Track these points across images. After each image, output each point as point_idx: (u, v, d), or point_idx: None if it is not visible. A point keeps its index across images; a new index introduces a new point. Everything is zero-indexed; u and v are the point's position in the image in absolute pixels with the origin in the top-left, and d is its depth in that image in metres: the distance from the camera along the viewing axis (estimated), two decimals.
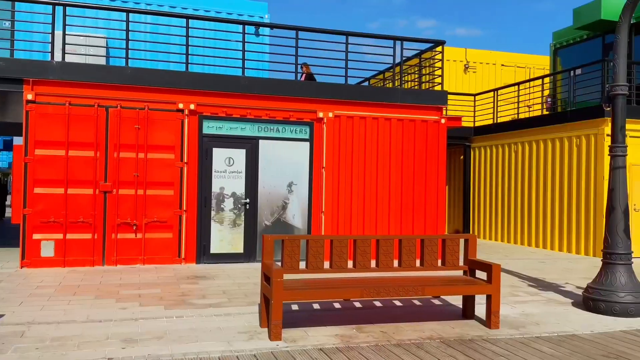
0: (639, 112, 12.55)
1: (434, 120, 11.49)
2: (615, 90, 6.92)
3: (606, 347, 5.38)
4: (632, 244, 12.32)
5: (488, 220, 16.18)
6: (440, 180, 11.48)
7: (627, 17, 6.77)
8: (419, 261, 6.38)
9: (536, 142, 14.32)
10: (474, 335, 5.67)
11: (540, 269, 10.40)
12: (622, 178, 6.99)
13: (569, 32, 17.00)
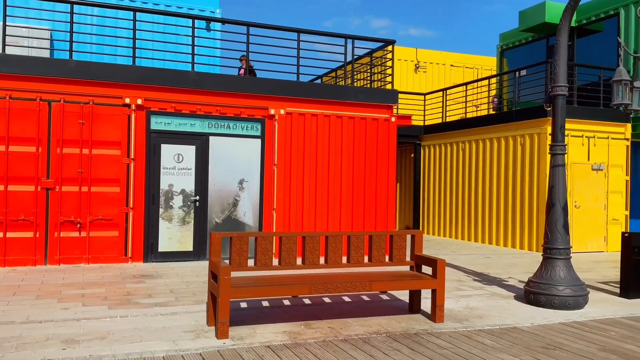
0: (581, 112, 13.08)
1: (385, 118, 11.63)
2: (555, 91, 7.18)
3: (545, 339, 5.58)
4: (574, 239, 12.85)
5: (437, 217, 16.53)
6: (390, 178, 11.64)
7: (567, 20, 7.03)
8: (368, 257, 6.45)
9: (483, 141, 14.71)
10: (419, 329, 5.77)
11: (485, 264, 10.70)
12: (561, 176, 7.26)
13: (514, 34, 17.54)
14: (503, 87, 17.67)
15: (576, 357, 4.96)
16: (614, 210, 13.42)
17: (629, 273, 7.67)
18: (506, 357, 4.94)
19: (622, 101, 6.09)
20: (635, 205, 14.62)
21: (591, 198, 13.16)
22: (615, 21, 14.32)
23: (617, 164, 13.46)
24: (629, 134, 13.59)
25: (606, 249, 13.27)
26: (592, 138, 13.18)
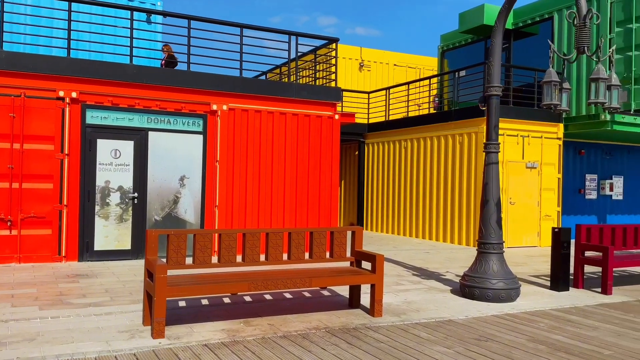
0: (516, 113, 13.57)
1: (328, 115, 11.70)
2: (489, 91, 7.42)
3: (478, 331, 5.77)
4: (509, 234, 13.33)
5: (380, 214, 16.78)
6: (334, 175, 11.72)
7: (501, 22, 7.28)
8: (308, 254, 6.47)
9: (424, 139, 15.04)
10: (358, 324, 5.85)
11: (424, 259, 10.95)
12: (495, 173, 7.51)
13: (455, 36, 18.00)
14: (444, 87, 18.12)
15: (507, 348, 5.16)
16: (547, 206, 14.02)
17: (558, 267, 8.03)
18: (440, 349, 5.08)
19: (552, 102, 6.36)
20: (566, 201, 15.34)
21: (525, 195, 13.70)
22: (550, 24, 14.93)
23: (549, 162, 14.05)
24: (561, 134, 14.21)
25: (539, 244, 13.84)
26: (527, 137, 13.70)
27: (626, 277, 9.49)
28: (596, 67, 6.11)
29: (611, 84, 6.19)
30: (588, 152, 16.04)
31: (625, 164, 16.79)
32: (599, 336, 5.66)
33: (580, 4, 6.21)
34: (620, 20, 13.18)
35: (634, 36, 12.86)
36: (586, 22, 6.15)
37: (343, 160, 18.78)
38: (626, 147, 16.76)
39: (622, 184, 16.64)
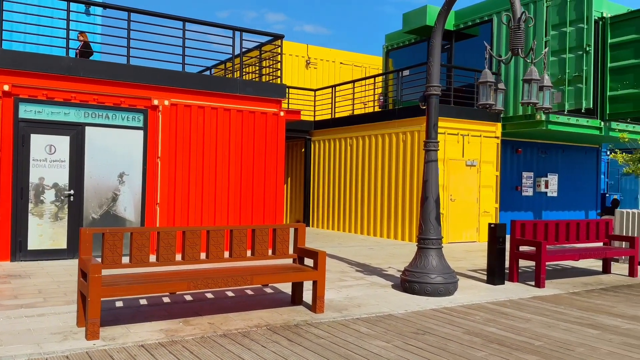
0: (457, 112, 13.93)
1: (274, 112, 11.65)
2: (429, 91, 7.58)
3: (416, 324, 5.89)
4: (450, 230, 13.67)
5: (327, 211, 16.87)
6: (279, 172, 11.69)
7: (441, 23, 7.45)
8: (251, 251, 6.43)
9: (369, 137, 15.22)
10: (300, 320, 5.86)
11: (368, 255, 11.10)
12: (434, 170, 7.69)
13: (399, 36, 18.30)
14: (388, 86, 18.38)
15: (443, 341, 5.29)
16: (486, 203, 14.48)
17: (494, 261, 8.31)
18: (379, 343, 5.16)
19: (487, 101, 6.57)
20: (504, 198, 15.87)
21: (465, 192, 14.10)
22: (489, 26, 15.41)
23: (488, 160, 14.51)
24: (499, 133, 14.70)
25: (478, 239, 14.28)
26: (467, 136, 14.10)
27: (559, 271, 9.92)
28: (529, 68, 6.35)
29: (543, 85, 6.45)
30: (525, 151, 16.66)
31: (559, 162, 17.55)
32: (531, 328, 5.89)
33: (515, 7, 6.43)
34: (555, 24, 13.75)
35: (567, 39, 13.45)
36: (520, 25, 6.38)
37: (289, 157, 18.77)
38: (561, 146, 17.52)
39: (557, 182, 17.39)
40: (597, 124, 14.76)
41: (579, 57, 13.24)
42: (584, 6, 13.10)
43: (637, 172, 11.04)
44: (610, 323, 6.17)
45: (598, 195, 18.44)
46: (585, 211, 18.07)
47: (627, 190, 21.47)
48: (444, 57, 16.85)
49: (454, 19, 16.45)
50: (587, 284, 8.63)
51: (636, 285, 8.68)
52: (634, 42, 13.90)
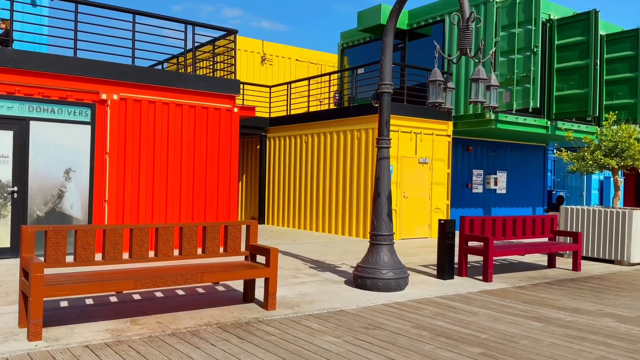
0: (410, 110, 14.13)
1: (227, 108, 11.52)
2: (381, 89, 7.66)
3: (367, 319, 5.95)
4: (403, 226, 13.84)
5: (282, 208, 16.83)
6: (233, 169, 11.57)
7: (392, 22, 7.53)
8: (201, 249, 6.34)
9: (324, 134, 15.27)
10: (251, 318, 5.83)
11: (322, 252, 11.14)
12: (386, 167, 7.77)
13: (354, 34, 18.41)
14: (344, 84, 18.48)
15: (392, 335, 5.36)
16: (437, 200, 14.75)
17: (444, 256, 8.48)
18: (330, 338, 5.18)
19: (437, 100, 6.69)
20: (455, 195, 16.22)
21: (418, 189, 14.33)
22: (442, 26, 15.68)
23: (440, 158, 14.79)
24: (450, 131, 14.99)
25: (430, 235, 14.54)
26: (419, 134, 14.33)
27: (506, 265, 10.21)
28: (477, 68, 6.50)
29: (490, 85, 6.61)
30: (475, 149, 17.07)
31: (508, 160, 18.06)
32: (478, 321, 6.04)
33: (464, 7, 6.57)
34: (504, 25, 14.12)
35: (516, 40, 13.83)
36: (469, 25, 6.52)
37: (244, 154, 18.62)
38: (509, 145, 18.03)
39: (506, 179, 17.90)
40: (544, 123, 15.26)
41: (527, 57, 13.64)
42: (532, 8, 13.50)
43: (580, 169, 11.47)
44: (553, 316, 6.39)
45: (545, 192, 19.09)
46: (532, 207, 18.67)
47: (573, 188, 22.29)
48: (398, 56, 17.07)
49: (407, 19, 16.66)
50: (532, 278, 8.91)
51: (579, 279, 9.02)
52: (579, 44, 14.44)
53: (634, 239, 10.26)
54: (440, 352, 4.86)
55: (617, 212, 10.45)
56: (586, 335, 5.57)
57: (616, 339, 5.43)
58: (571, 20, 14.69)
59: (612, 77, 15.57)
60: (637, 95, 15.11)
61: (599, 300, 7.29)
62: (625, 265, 10.36)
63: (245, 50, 19.86)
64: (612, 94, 15.61)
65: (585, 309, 6.79)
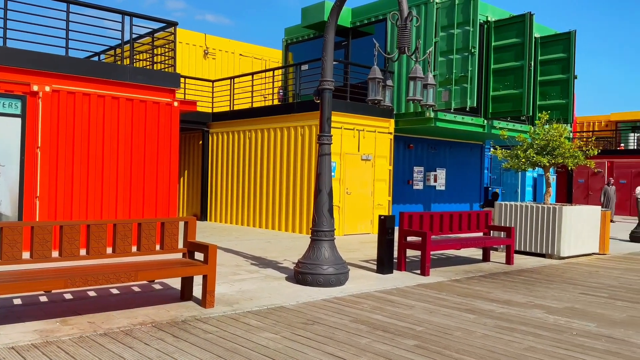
0: (353, 107, 14.25)
1: (167, 102, 11.26)
2: (323, 85, 7.69)
3: (306, 315, 5.96)
4: (346, 222, 13.96)
5: (225, 204, 16.63)
6: (172, 164, 11.32)
7: (333, 19, 7.56)
8: (137, 246, 6.17)
9: (267, 130, 15.19)
10: (188, 316, 5.73)
11: (265, 248, 11.08)
12: (327, 164, 7.81)
13: (298, 30, 18.38)
14: (288, 80, 18.43)
15: (330, 330, 5.40)
16: (379, 196, 14.97)
17: (384, 251, 8.61)
18: (268, 335, 5.16)
19: (376, 97, 6.78)
20: (396, 191, 16.50)
21: (361, 185, 14.49)
22: (384, 25, 15.89)
23: (382, 155, 15.01)
24: (392, 129, 15.24)
25: (372, 231, 14.74)
26: (362, 131, 14.48)
27: (443, 260, 10.48)
28: (414, 67, 6.63)
29: (427, 83, 6.75)
30: (416, 146, 17.42)
31: (447, 158, 18.54)
32: (414, 314, 6.17)
33: (402, 6, 6.67)
34: (444, 26, 14.46)
35: (455, 41, 14.20)
36: (407, 24, 6.63)
37: (186, 149, 18.27)
38: (449, 143, 18.51)
39: (445, 176, 18.37)
40: (481, 122, 15.76)
41: (465, 58, 14.03)
42: (470, 10, 13.89)
43: (514, 167, 11.91)
44: (486, 308, 6.61)
45: (482, 188, 19.73)
46: (470, 204, 19.26)
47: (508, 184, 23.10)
48: (341, 54, 17.18)
49: (351, 17, 16.80)
50: (468, 272, 9.19)
51: (512, 272, 9.38)
52: (515, 46, 14.98)
53: (564, 234, 10.76)
54: (376, 345, 4.94)
55: (547, 207, 10.93)
56: (517, 326, 5.79)
57: (544, 330, 5.67)
58: (507, 23, 15.22)
59: (545, 78, 16.25)
60: (569, 96, 15.84)
61: (529, 293, 7.60)
62: (555, 258, 10.85)
63: (187, 44, 19.49)
64: (546, 95, 16.29)
65: (516, 301, 7.06)
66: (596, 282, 8.56)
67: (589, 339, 5.37)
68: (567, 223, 10.79)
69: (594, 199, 26.71)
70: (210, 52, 19.92)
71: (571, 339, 5.36)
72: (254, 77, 16.20)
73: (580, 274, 9.34)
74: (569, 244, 10.87)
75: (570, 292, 7.70)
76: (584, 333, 5.58)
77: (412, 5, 14.85)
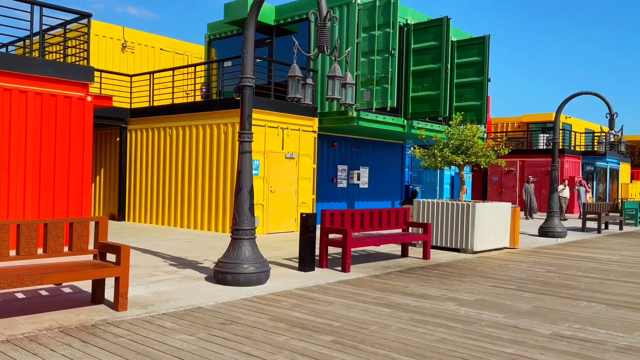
0: (277, 106, 14.20)
1: (80, 97, 10.74)
2: (243, 82, 7.60)
3: (225, 315, 5.88)
4: (270, 221, 13.90)
5: (145, 204, 16.11)
6: (86, 162, 10.82)
7: (253, 15, 7.49)
8: (43, 248, 5.84)
9: (189, 127, 14.85)
10: (98, 320, 5.49)
11: (185, 248, 10.84)
12: (248, 162, 7.74)
13: (222, 26, 18.10)
14: (211, 76, 18.11)
15: (248, 329, 5.35)
16: (304, 194, 15.04)
17: (305, 249, 8.65)
18: (183, 337, 5.04)
19: (296, 95, 6.79)
20: (320, 190, 16.66)
21: (285, 183, 14.49)
22: (307, 24, 15.96)
23: (306, 153, 15.08)
24: (316, 127, 15.34)
25: (297, 229, 14.77)
26: (286, 129, 14.48)
27: (364, 256, 10.68)
28: (333, 66, 6.70)
29: (346, 82, 6.85)
30: (340, 145, 17.65)
31: (370, 157, 18.92)
32: (333, 310, 6.24)
33: (321, 6, 6.72)
34: (365, 27, 14.73)
35: (376, 42, 14.49)
36: (326, 24, 6.68)
37: (103, 146, 17.53)
38: (371, 142, 18.89)
39: (368, 174, 18.74)
40: (402, 122, 16.19)
41: (386, 59, 14.36)
42: (391, 12, 14.23)
43: (431, 165, 12.32)
44: (402, 302, 6.79)
45: (402, 186, 20.29)
46: (392, 201, 19.75)
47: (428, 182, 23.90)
48: (265, 52, 17.10)
49: (274, 14, 16.75)
50: (387, 267, 9.41)
51: (428, 266, 9.70)
52: (433, 49, 15.50)
53: (477, 229, 11.26)
54: (293, 343, 4.95)
55: (462, 204, 11.39)
56: (430, 319, 5.99)
57: (455, 321, 5.90)
58: (425, 26, 15.72)
59: (461, 80, 16.93)
60: (483, 98, 16.59)
61: (443, 286, 7.89)
62: (469, 253, 11.34)
63: (104, 37, 18.71)
64: (461, 96, 16.98)
65: (430, 294, 7.31)
66: (506, 275, 9.02)
67: (497, 329, 5.65)
68: (480, 219, 11.30)
69: (507, 196, 28.19)
70: (129, 45, 19.22)
71: (480, 329, 5.61)
72: (174, 73, 15.78)
73: (491, 267, 9.82)
74: (481, 239, 11.39)
75: (482, 285, 8.06)
76: (492, 324, 5.85)
77: (335, 6, 15.02)
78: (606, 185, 32.89)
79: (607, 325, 5.94)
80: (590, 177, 30.62)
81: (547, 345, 5.10)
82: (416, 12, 16.44)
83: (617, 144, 18.98)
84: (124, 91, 16.99)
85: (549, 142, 28.13)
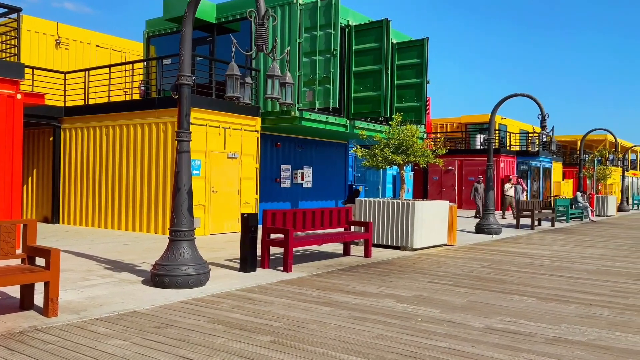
0: (219, 105, 14.02)
1: (8, 94, 10.25)
2: (180, 80, 7.47)
3: (161, 319, 5.75)
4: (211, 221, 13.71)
5: (81, 206, 15.54)
6: (15, 162, 10.34)
7: (191, 12, 7.38)
8: None
9: (127, 126, 14.44)
10: (27, 327, 5.25)
11: (122, 251, 10.53)
12: (186, 161, 7.59)
13: (161, 23, 17.70)
14: (150, 74, 17.68)
15: (185, 332, 5.26)
16: (247, 194, 14.92)
17: (247, 249, 8.58)
18: (116, 342, 4.89)
19: (234, 94, 6.73)
20: (264, 190, 16.57)
21: (227, 184, 14.33)
22: (249, 23, 15.82)
23: (249, 153, 14.97)
24: (259, 127, 15.25)
25: (239, 230, 14.62)
26: (228, 129, 14.32)
27: (307, 255, 10.71)
28: (272, 65, 6.68)
29: (285, 82, 6.84)
30: (283, 145, 17.63)
31: (314, 156, 18.99)
32: (273, 310, 6.22)
33: (259, 4, 6.69)
34: (307, 27, 14.76)
35: (318, 43, 14.55)
36: (264, 22, 6.65)
37: (35, 146, 16.78)
38: (315, 142, 18.96)
39: (312, 174, 18.80)
40: (344, 122, 16.34)
41: (327, 60, 14.44)
42: (332, 13, 14.32)
43: (372, 165, 12.50)
44: (342, 300, 6.85)
45: (346, 186, 20.49)
46: (336, 201, 19.90)
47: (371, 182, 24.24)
48: (207, 50, 16.86)
49: (215, 12, 16.53)
50: (329, 266, 9.47)
51: (369, 264, 9.83)
52: (373, 50, 15.72)
53: (416, 227, 11.51)
54: (230, 344, 4.90)
55: (402, 203, 11.62)
56: (368, 316, 6.07)
57: (393, 318, 6.01)
58: (366, 27, 15.93)
59: (402, 82, 17.26)
60: (422, 99, 16.97)
61: (383, 283, 8.02)
62: (409, 250, 11.57)
63: (36, 32, 17.93)
64: (402, 97, 17.31)
65: (370, 291, 7.41)
66: (443, 271, 9.26)
67: (433, 324, 5.79)
68: (419, 217, 11.55)
69: (446, 194, 28.96)
70: (63, 42, 18.50)
71: (417, 325, 5.74)
72: (111, 70, 15.31)
73: (429, 264, 10.06)
74: (420, 237, 11.65)
75: (420, 281, 8.25)
76: (428, 319, 6.00)
77: (277, 5, 14.98)
78: (539, 183, 34.38)
79: (537, 317, 6.20)
80: (525, 176, 31.91)
81: (479, 339, 5.27)
82: (357, 14, 16.62)
83: (549, 144, 19.87)
84: (58, 89, 16.32)
85: (485, 142, 29.10)
